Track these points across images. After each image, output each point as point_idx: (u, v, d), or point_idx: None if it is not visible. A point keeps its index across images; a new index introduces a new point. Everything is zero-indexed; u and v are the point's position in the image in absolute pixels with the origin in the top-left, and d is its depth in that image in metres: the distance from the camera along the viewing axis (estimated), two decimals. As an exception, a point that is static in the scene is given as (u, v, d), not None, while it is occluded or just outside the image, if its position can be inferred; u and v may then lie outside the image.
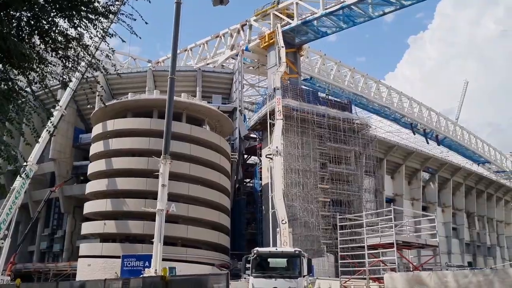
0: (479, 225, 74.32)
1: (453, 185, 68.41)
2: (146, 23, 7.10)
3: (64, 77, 7.05)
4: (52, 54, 6.57)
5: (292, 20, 50.02)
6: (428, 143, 76.20)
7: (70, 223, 50.10)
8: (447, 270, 24.70)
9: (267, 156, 32.86)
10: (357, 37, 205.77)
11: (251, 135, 54.35)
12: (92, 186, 40.48)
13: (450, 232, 65.73)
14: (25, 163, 36.35)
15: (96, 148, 41.13)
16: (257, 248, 15.64)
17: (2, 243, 32.48)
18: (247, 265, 14.39)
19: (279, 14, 51.58)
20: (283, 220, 27.47)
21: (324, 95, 51.77)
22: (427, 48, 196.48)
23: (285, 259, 14.79)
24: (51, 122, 8.89)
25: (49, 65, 6.81)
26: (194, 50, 64.40)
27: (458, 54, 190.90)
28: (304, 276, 14.47)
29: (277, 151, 30.72)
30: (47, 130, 10.87)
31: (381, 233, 23.29)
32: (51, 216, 53.20)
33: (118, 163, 39.09)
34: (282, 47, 41.37)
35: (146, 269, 28.08)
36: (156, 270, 28.04)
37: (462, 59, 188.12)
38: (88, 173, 41.98)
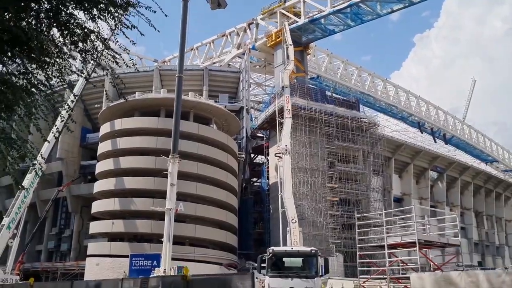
0: (487, 225, 73.76)
1: (461, 184, 67.91)
2: (166, 15, 6.94)
3: (83, 71, 6.89)
4: (71, 48, 6.41)
5: (299, 18, 49.77)
6: (435, 142, 75.73)
7: (78, 222, 50.15)
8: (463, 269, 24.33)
9: (276, 154, 32.65)
10: (362, 36, 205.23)
11: (258, 134, 54.22)
12: (100, 185, 40.45)
13: (458, 232, 65.10)
14: (34, 162, 36.35)
15: (103, 147, 41.09)
16: (272, 247, 15.43)
17: (11, 242, 32.50)
18: (262, 265, 14.18)
19: (286, 13, 51.34)
20: (293, 219, 27.26)
21: (331, 93, 51.43)
22: (433, 47, 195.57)
23: (301, 259, 14.57)
24: (70, 117, 8.69)
25: (67, 59, 6.65)
26: (200, 49, 64.29)
27: (464, 52, 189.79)
28: (320, 276, 14.27)
29: (286, 150, 30.50)
30: (66, 125, 10.67)
31: (401, 232, 22.81)
32: (58, 215, 53.29)
33: (126, 162, 39.03)
34: (290, 45, 41.16)
35: (156, 269, 28.00)
36: (165, 269, 28.03)
37: (467, 57, 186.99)
38: (96, 173, 41.96)
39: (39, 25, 5.99)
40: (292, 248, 16.03)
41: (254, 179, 55.13)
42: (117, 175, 39.42)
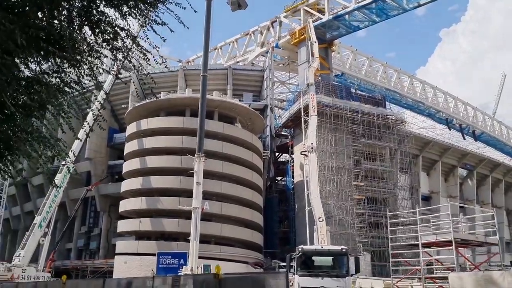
0: (520, 223, 71.58)
1: (492, 182, 66.13)
2: (195, 11, 6.88)
3: (113, 68, 6.90)
4: (102, 45, 6.43)
5: (323, 15, 49.31)
6: (464, 138, 73.82)
7: (106, 221, 51.08)
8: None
9: (302, 153, 32.39)
10: (387, 32, 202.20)
11: (282, 133, 54.03)
12: (127, 185, 41.04)
13: (496, 230, 63.34)
14: (63, 163, 37.21)
15: (130, 147, 41.67)
16: (302, 246, 15.24)
17: (43, 240, 33.29)
18: (292, 263, 14.02)
19: (310, 10, 50.94)
20: (320, 218, 26.99)
21: (355, 90, 50.77)
22: (460, 41, 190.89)
23: (331, 258, 14.33)
24: (101, 116, 8.78)
25: (98, 57, 6.67)
26: (224, 48, 64.49)
27: (492, 46, 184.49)
28: (351, 275, 14.02)
29: (312, 148, 30.23)
30: (97, 122, 10.72)
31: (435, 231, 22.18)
32: (87, 214, 54.40)
33: (152, 161, 39.48)
34: (315, 42, 40.78)
35: (183, 267, 28.20)
36: (192, 268, 28.20)
37: (496, 51, 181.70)
38: (123, 172, 42.58)
39: (71, 24, 6.02)
40: (322, 247, 15.75)
41: (279, 178, 54.92)
42: (144, 174, 39.90)
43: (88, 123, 19.46)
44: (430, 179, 59.04)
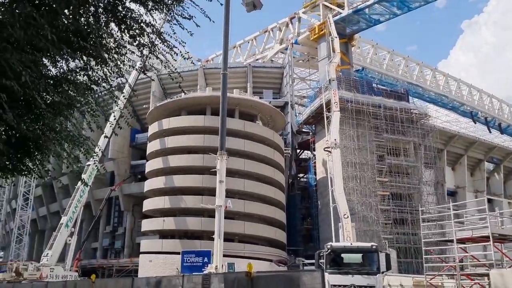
0: (550, 218, 69.37)
1: (520, 175, 64.34)
2: (221, 4, 6.76)
3: (138, 64, 6.82)
4: (129, 42, 6.35)
5: (343, 9, 48.74)
6: (490, 132, 72.04)
7: (130, 220, 51.66)
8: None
9: (325, 149, 32.05)
10: (407, 25, 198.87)
11: (303, 130, 53.65)
12: (150, 184, 41.36)
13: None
14: (88, 163, 37.75)
15: (153, 146, 41.97)
16: (330, 243, 14.96)
17: (69, 240, 33.81)
18: (321, 261, 13.77)
19: (329, 4, 50.41)
20: (345, 214, 26.66)
21: (376, 84, 49.95)
22: (482, 33, 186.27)
23: (360, 255, 14.03)
24: (129, 113, 8.70)
25: (125, 55, 6.60)
26: (243, 46, 64.37)
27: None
28: (382, 273, 13.71)
29: (335, 144, 29.86)
30: (125, 119, 10.63)
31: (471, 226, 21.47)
32: (111, 214, 55.11)
33: (174, 160, 39.67)
34: (336, 37, 40.28)
35: (209, 265, 28.27)
36: (217, 266, 28.21)
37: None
38: (146, 171, 42.93)
39: (97, 21, 5.95)
40: (351, 244, 15.41)
41: (300, 175, 54.57)
42: (166, 173, 40.13)
43: (115, 119, 19.57)
44: (456, 173, 57.79)
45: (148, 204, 40.92)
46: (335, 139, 30.49)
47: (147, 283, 10.70)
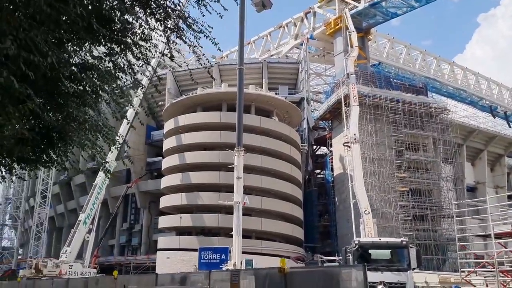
0: None
1: (542, 171, 62.78)
2: (237, 3, 6.62)
3: (166, 53, 6.54)
4: (154, 27, 6.07)
5: (359, 3, 47.96)
6: (510, 126, 70.64)
7: (147, 217, 51.79)
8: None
9: (345, 144, 31.55)
10: (422, 19, 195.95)
11: (319, 125, 53.11)
12: (166, 181, 41.32)
13: None
14: (104, 161, 37.77)
15: (168, 143, 41.92)
16: (358, 239, 14.54)
17: (88, 237, 33.91)
18: (348, 257, 13.37)
19: (345, -2, 49.65)
20: (366, 210, 26.17)
21: (393, 79, 49.14)
22: (499, 26, 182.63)
23: (389, 251, 13.56)
24: (145, 108, 8.38)
25: (149, 40, 6.31)
26: (257, 42, 63.99)
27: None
28: (413, 269, 13.25)
29: (355, 139, 29.35)
30: (144, 109, 10.40)
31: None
32: (128, 211, 55.32)
33: (191, 157, 39.54)
34: (353, 31, 39.61)
35: (228, 262, 28.08)
36: (235, 263, 27.98)
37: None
38: (162, 168, 42.92)
39: (122, 4, 5.67)
40: (380, 239, 14.94)
41: (317, 171, 54.03)
42: (183, 170, 40.01)
43: (135, 110, 19.28)
44: (475, 169, 56.67)
45: (165, 201, 40.90)
46: (354, 134, 29.97)
47: (172, 279, 10.44)
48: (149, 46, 6.33)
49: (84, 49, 5.93)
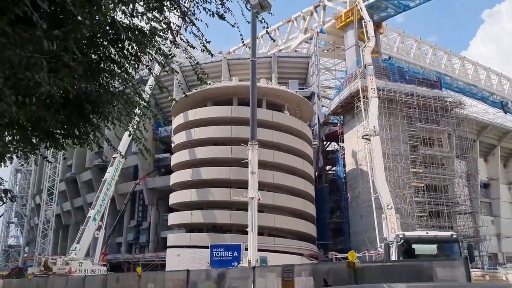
0: None
1: (556, 167, 61.63)
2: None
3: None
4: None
5: (371, -5, 46.96)
6: (521, 121, 69.49)
7: (154, 214, 51.03)
8: None
9: (364, 137, 30.66)
10: (426, 16, 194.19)
11: (330, 121, 52.23)
12: (176, 177, 40.45)
13: None
14: (114, 156, 37.08)
15: (178, 138, 41.04)
16: (402, 233, 13.59)
17: (97, 234, 33.14)
18: (390, 252, 12.45)
19: (356, -10, 48.62)
20: (388, 205, 25.26)
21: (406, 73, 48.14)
22: (504, 22, 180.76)
23: (435, 246, 12.58)
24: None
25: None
26: (266, 37, 62.88)
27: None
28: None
29: (374, 131, 28.45)
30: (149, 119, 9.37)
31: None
32: (135, 208, 54.55)
33: (202, 152, 38.66)
34: (369, 20, 38.61)
35: (244, 259, 27.30)
36: (250, 260, 27.14)
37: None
38: (171, 164, 42.10)
39: None
40: (427, 233, 13.96)
41: (328, 167, 53.08)
42: (193, 166, 39.15)
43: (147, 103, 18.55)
44: (488, 165, 55.69)
45: (175, 198, 40.05)
46: (374, 126, 29.06)
47: (207, 276, 9.53)
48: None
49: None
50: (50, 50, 3.92)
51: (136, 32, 5.21)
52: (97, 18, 4.48)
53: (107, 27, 4.99)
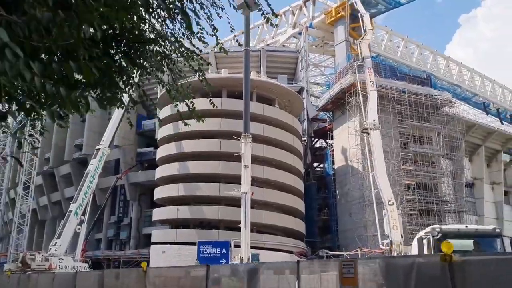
0: None
1: (537, 168, 62.59)
2: None
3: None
4: None
5: (362, -9, 46.33)
6: (502, 123, 70.35)
7: (136, 210, 49.35)
8: None
9: (363, 131, 29.90)
10: (405, 19, 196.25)
11: (318, 117, 51.49)
12: (162, 171, 38.99)
13: None
14: (98, 147, 35.45)
15: (164, 131, 39.53)
16: (439, 226, 12.68)
17: (79, 229, 31.45)
18: (425, 247, 11.53)
19: (347, -14, 48.09)
20: (390, 200, 24.53)
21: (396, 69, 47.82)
22: (480, 27, 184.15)
23: (472, 240, 11.69)
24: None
25: None
26: (253, 31, 61.77)
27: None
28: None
29: (374, 125, 27.71)
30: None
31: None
32: (116, 203, 52.66)
33: (189, 146, 37.32)
34: (365, 13, 37.85)
35: (235, 256, 26.27)
36: (242, 257, 26.07)
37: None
38: (157, 158, 40.61)
39: None
40: (466, 226, 13.04)
41: (315, 164, 52.33)
42: (179, 159, 37.75)
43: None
44: (473, 164, 55.92)
45: (160, 192, 38.58)
46: (374, 120, 28.32)
47: (232, 271, 8.32)
48: None
49: None
50: None
51: None
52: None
53: None
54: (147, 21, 4.78)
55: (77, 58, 3.70)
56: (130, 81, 4.89)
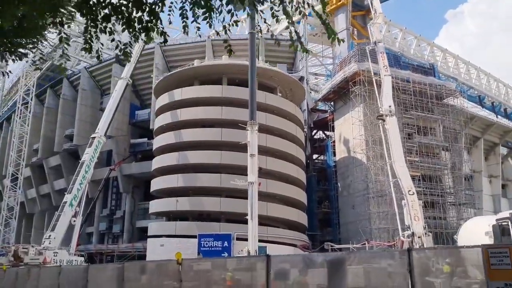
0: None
1: (534, 161, 62.47)
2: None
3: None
4: None
5: (364, -23, 45.29)
6: (497, 117, 70.17)
7: (130, 203, 47.73)
8: None
9: (378, 117, 28.71)
10: (393, 14, 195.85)
11: (317, 108, 50.31)
12: (159, 161, 37.37)
13: None
14: (93, 135, 33.79)
15: (162, 120, 37.90)
16: None
17: (74, 221, 29.81)
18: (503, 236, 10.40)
19: (349, -28, 46.94)
20: (410, 190, 23.41)
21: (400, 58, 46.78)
22: (467, 23, 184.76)
23: None
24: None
25: None
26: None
27: (503, 27, 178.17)
28: None
29: (390, 111, 26.56)
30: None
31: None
32: (109, 196, 50.88)
33: (188, 135, 35.79)
34: (375, -4, 36.59)
35: (243, 250, 25.04)
36: (249, 250, 24.80)
37: (507, 33, 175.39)
38: (153, 148, 39.01)
39: None
40: None
41: (315, 156, 51.12)
42: (178, 149, 36.18)
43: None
44: (471, 157, 55.32)
45: (157, 184, 36.97)
46: (390, 106, 27.17)
47: (305, 262, 6.80)
48: None
49: None
50: None
51: None
52: None
53: None
54: None
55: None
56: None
